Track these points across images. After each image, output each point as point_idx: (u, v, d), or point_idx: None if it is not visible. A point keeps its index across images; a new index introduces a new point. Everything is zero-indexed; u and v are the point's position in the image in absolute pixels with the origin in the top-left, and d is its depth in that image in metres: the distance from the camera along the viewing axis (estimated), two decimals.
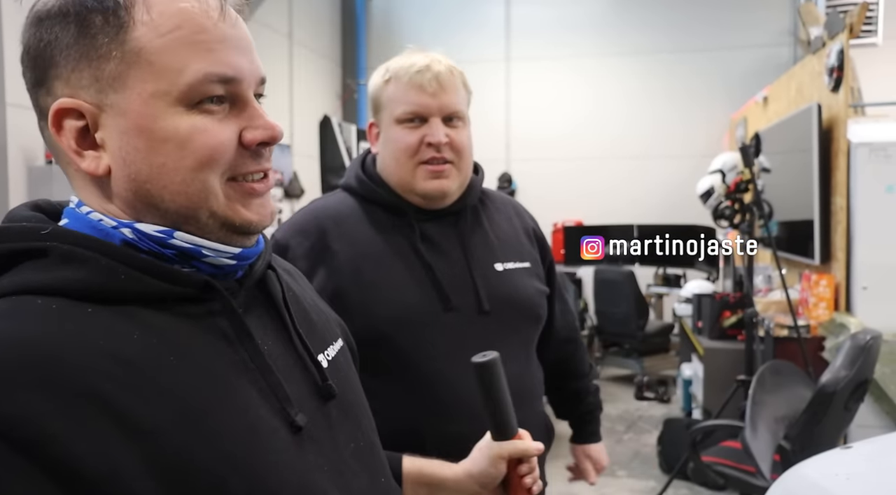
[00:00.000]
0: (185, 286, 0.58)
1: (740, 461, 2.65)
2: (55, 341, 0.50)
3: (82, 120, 0.57)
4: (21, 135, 3.49)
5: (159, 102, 0.57)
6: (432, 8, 7.47)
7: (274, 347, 0.64)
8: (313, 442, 0.62)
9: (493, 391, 0.89)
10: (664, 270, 6.28)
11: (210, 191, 0.59)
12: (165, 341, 0.55)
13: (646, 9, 6.89)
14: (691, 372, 4.33)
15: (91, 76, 0.56)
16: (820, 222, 3.44)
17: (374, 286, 1.17)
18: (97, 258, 0.55)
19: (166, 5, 0.57)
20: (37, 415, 0.47)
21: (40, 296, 0.53)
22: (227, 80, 0.58)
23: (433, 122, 1.19)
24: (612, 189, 6.90)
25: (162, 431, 0.51)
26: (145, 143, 0.57)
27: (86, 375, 0.49)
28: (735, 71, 6.59)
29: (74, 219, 0.60)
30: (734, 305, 3.77)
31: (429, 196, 1.22)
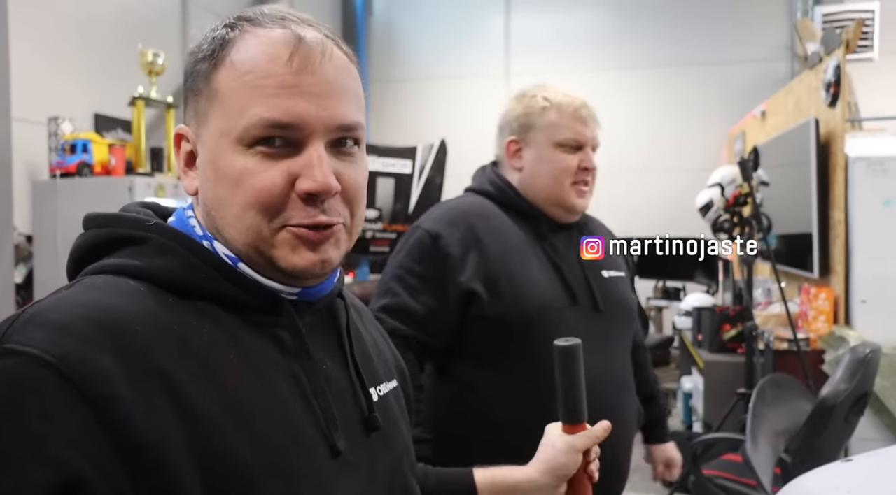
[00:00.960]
0: (256, 296, 0.63)
1: (741, 474, 2.66)
2: (136, 316, 0.55)
3: (188, 145, 0.67)
4: (26, 149, 3.51)
5: (224, 140, 0.62)
6: (432, 23, 7.53)
7: (330, 370, 0.67)
8: (350, 468, 0.64)
9: (571, 374, 0.91)
10: (664, 283, 6.30)
11: (259, 232, 0.62)
12: (230, 339, 0.60)
13: (644, 23, 6.95)
14: (691, 385, 4.33)
15: (193, 109, 0.66)
16: (818, 236, 3.46)
17: (521, 276, 1.35)
18: (186, 254, 0.61)
19: (246, 51, 0.62)
20: (112, 378, 0.51)
21: (133, 278, 0.59)
22: (282, 125, 0.61)
23: (587, 151, 1.43)
24: (611, 202, 6.88)
25: (211, 418, 0.54)
26: (212, 175, 0.64)
27: (156, 352, 0.54)
28: (733, 85, 6.64)
29: (178, 217, 0.68)
30: (734, 318, 3.78)
31: (575, 210, 1.44)
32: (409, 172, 5.16)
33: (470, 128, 7.38)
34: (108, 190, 3.23)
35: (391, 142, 6.00)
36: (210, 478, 0.53)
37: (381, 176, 5.43)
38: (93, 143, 3.31)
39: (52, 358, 0.50)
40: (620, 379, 1.40)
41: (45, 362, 0.50)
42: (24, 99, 3.50)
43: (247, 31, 0.63)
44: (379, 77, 7.55)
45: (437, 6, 7.54)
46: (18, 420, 0.48)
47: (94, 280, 0.59)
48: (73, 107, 3.64)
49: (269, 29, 0.63)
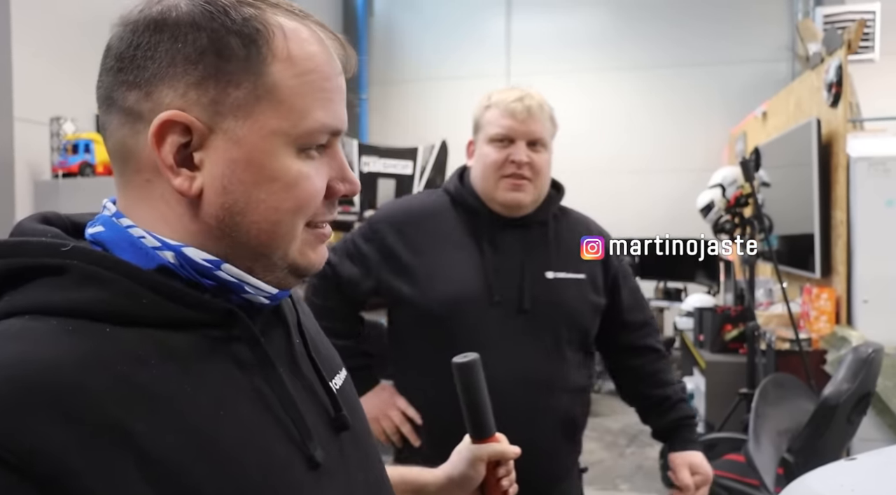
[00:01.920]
0: (209, 313, 0.56)
1: (744, 474, 2.66)
2: (74, 367, 0.47)
3: (187, 136, 0.55)
4: (28, 149, 3.51)
5: (277, 140, 0.56)
6: (433, 24, 7.53)
7: (288, 376, 0.61)
8: (329, 476, 0.60)
9: (471, 390, 0.92)
10: (665, 284, 6.30)
11: (294, 234, 0.58)
12: (183, 368, 0.53)
13: (645, 24, 6.95)
14: (693, 386, 4.33)
15: (212, 97, 0.54)
16: (820, 236, 3.47)
17: (440, 268, 1.40)
18: (119, 280, 0.52)
19: (301, 46, 0.57)
20: (61, 450, 0.44)
21: (56, 316, 0.50)
22: (335, 132, 0.59)
23: (518, 145, 1.42)
24: (612, 203, 6.92)
25: (178, 466, 0.48)
26: (252, 177, 0.56)
27: (106, 405, 0.47)
28: (734, 86, 6.64)
29: (111, 229, 0.57)
30: (735, 319, 3.78)
31: (506, 205, 1.43)
32: (409, 173, 5.16)
33: (471, 129, 7.39)
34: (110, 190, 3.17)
35: (392, 143, 6.00)
36: None
37: (382, 177, 5.43)
38: (95, 143, 3.31)
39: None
40: (543, 380, 1.37)
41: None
42: (26, 99, 3.50)
43: (287, 17, 0.57)
44: (380, 78, 7.55)
45: (438, 7, 7.55)
46: None
47: (7, 328, 0.49)
48: (76, 107, 3.64)
49: (306, 23, 0.59)
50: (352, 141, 7.05)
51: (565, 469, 1.47)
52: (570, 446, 1.47)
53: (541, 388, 1.36)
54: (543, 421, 1.38)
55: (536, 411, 1.36)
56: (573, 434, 1.47)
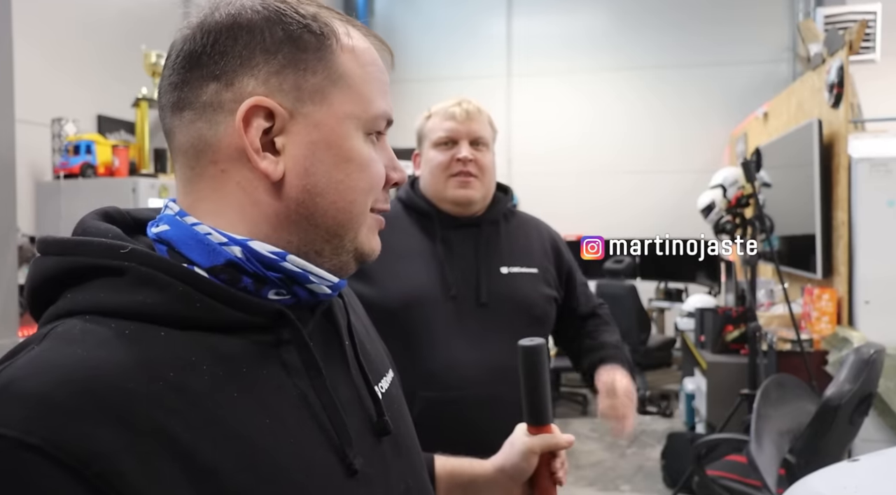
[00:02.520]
0: (259, 315, 0.57)
1: (745, 475, 2.66)
2: (126, 371, 0.49)
3: (270, 121, 0.57)
4: (29, 151, 3.51)
5: (351, 123, 0.60)
6: (434, 26, 7.54)
7: (336, 380, 0.62)
8: (368, 483, 0.61)
9: (532, 375, 0.91)
10: (665, 285, 6.30)
11: (366, 215, 0.62)
12: (232, 373, 0.54)
13: (646, 25, 6.95)
14: (694, 387, 4.33)
15: (294, 83, 0.58)
16: (822, 237, 3.47)
17: (396, 273, 1.44)
18: (174, 284, 0.54)
19: (361, 41, 0.62)
20: (110, 452, 0.45)
21: (114, 318, 0.52)
22: (390, 121, 0.64)
23: (462, 144, 1.49)
24: (613, 204, 6.93)
25: (224, 472, 0.50)
26: (332, 158, 0.59)
27: (154, 410, 0.48)
28: (735, 87, 6.65)
29: (176, 227, 0.58)
30: (737, 319, 3.78)
31: (457, 202, 1.50)
32: (409, 173, 5.15)
33: None
34: (111, 191, 3.24)
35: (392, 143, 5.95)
36: None
37: None
38: (96, 144, 3.31)
39: (38, 439, 0.44)
40: (505, 369, 1.36)
41: (29, 446, 0.43)
42: (27, 100, 3.50)
43: (341, 20, 0.63)
44: None
45: (439, 8, 7.56)
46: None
47: (69, 329, 0.51)
48: (77, 108, 3.65)
49: (354, 24, 0.64)
50: None
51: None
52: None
53: (503, 378, 1.37)
54: (501, 409, 1.37)
55: (499, 400, 1.37)
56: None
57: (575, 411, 5.30)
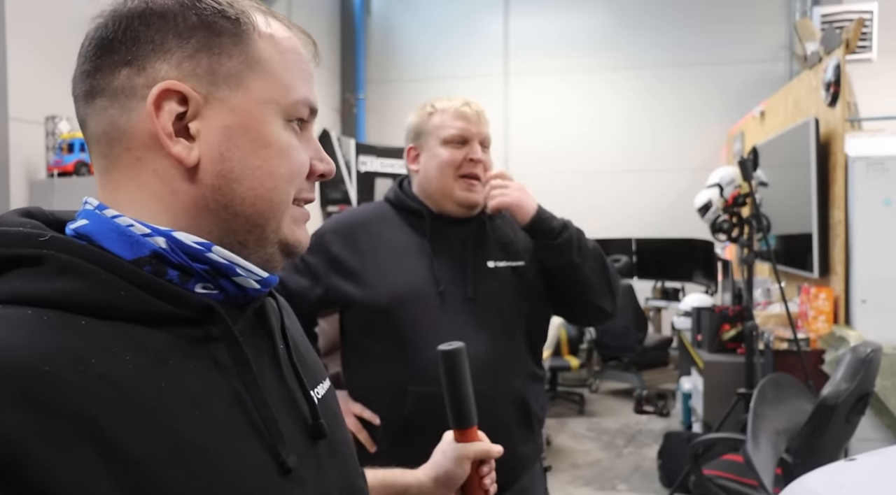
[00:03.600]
0: (187, 308, 0.55)
1: (742, 474, 2.65)
2: (43, 355, 0.46)
3: (183, 106, 0.56)
4: (23, 149, 3.49)
5: (269, 109, 0.59)
6: (431, 23, 7.53)
7: (271, 379, 0.61)
8: (301, 483, 0.59)
9: (453, 378, 0.93)
10: (662, 284, 6.30)
11: (287, 205, 0.61)
12: (158, 365, 0.52)
13: (643, 24, 6.95)
14: (691, 386, 4.33)
15: (208, 67, 0.57)
16: (818, 235, 3.46)
17: (385, 271, 1.45)
18: (97, 271, 0.52)
19: (280, 30, 0.62)
20: (18, 435, 0.43)
21: (31, 306, 0.49)
22: (313, 110, 0.63)
23: (474, 144, 1.48)
24: (610, 203, 6.93)
25: (147, 463, 0.47)
26: (249, 144, 0.58)
27: (73, 394, 0.46)
28: (732, 86, 6.65)
29: (96, 221, 0.56)
30: (733, 318, 3.77)
31: (463, 204, 1.49)
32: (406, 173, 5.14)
33: None
34: None
35: (389, 142, 5.99)
36: None
37: (380, 176, 5.42)
38: None
39: None
40: (494, 364, 1.41)
41: None
42: (21, 98, 3.49)
43: (259, 9, 0.62)
44: (377, 78, 7.54)
45: (436, 7, 7.54)
46: None
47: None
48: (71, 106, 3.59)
49: (275, 16, 0.63)
50: (349, 140, 7.05)
51: (523, 457, 1.48)
52: (525, 433, 1.48)
53: (492, 372, 1.40)
54: (496, 404, 1.41)
55: (489, 394, 1.37)
56: (528, 421, 1.49)
57: (572, 410, 5.30)
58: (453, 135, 1.47)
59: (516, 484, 1.46)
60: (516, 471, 1.46)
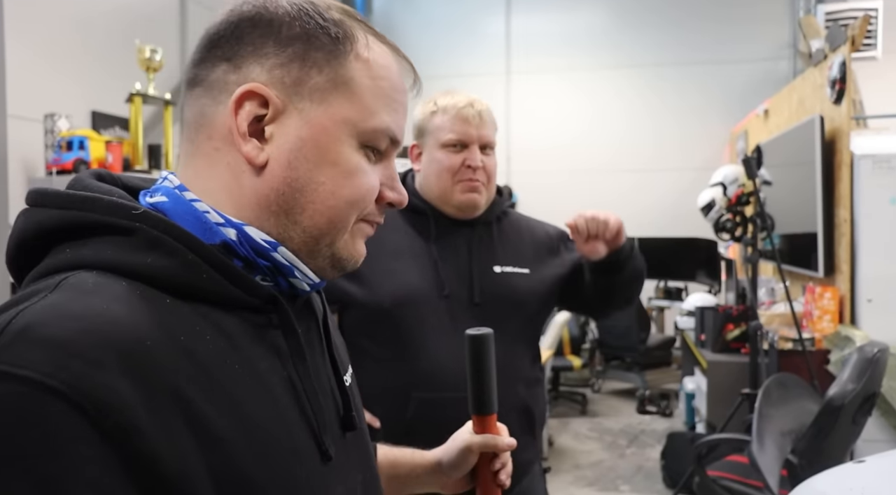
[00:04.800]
0: (257, 297, 0.58)
1: (747, 476, 2.62)
2: (143, 328, 0.49)
3: (263, 109, 0.59)
4: (22, 147, 3.47)
5: (344, 129, 0.60)
6: (433, 23, 7.50)
7: (318, 369, 0.65)
8: (336, 472, 0.63)
9: (477, 363, 0.93)
10: (665, 283, 6.26)
11: (346, 225, 0.62)
12: (233, 347, 0.55)
13: (645, 23, 6.92)
14: (694, 386, 4.30)
15: (295, 78, 0.59)
16: (823, 234, 3.43)
17: (388, 272, 1.42)
18: (184, 251, 0.54)
19: (381, 55, 0.63)
20: (129, 406, 0.45)
21: (123, 277, 0.52)
22: (395, 141, 0.64)
23: (473, 149, 1.44)
24: (612, 202, 6.89)
25: (227, 440, 0.50)
26: (316, 157, 0.59)
27: (168, 369, 0.49)
28: (735, 84, 6.62)
29: (175, 201, 0.58)
30: (737, 318, 3.75)
31: (462, 207, 1.46)
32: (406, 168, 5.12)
33: None
34: None
35: None
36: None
37: None
38: (89, 140, 3.27)
39: (59, 383, 0.43)
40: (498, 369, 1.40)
41: (51, 388, 0.43)
42: (20, 96, 3.46)
43: (366, 30, 0.64)
44: None
45: (437, 6, 7.52)
46: (24, 461, 0.42)
47: (83, 280, 0.51)
48: (70, 104, 3.61)
49: (385, 44, 0.65)
50: None
51: (525, 463, 1.46)
52: (527, 438, 1.47)
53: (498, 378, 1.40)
54: (501, 410, 1.41)
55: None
56: (531, 426, 1.48)
57: (574, 410, 5.27)
58: (451, 140, 1.44)
59: (515, 488, 1.44)
60: (517, 476, 1.45)
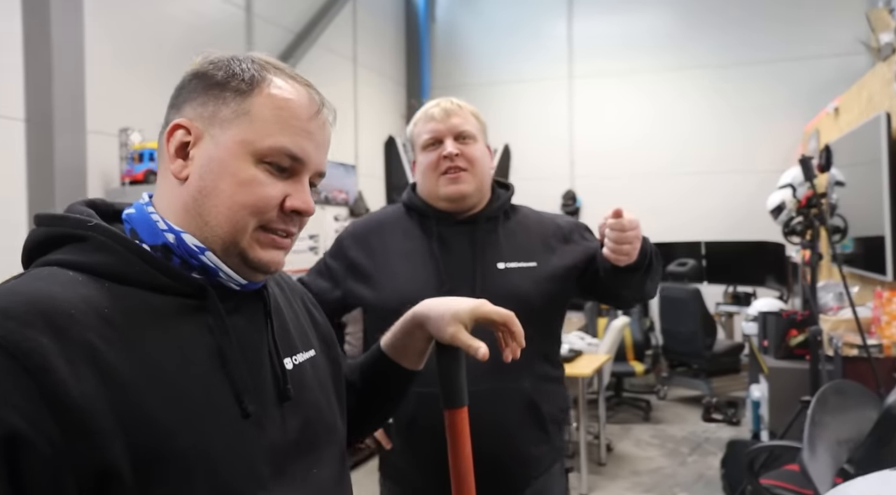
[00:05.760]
0: (186, 284, 0.74)
1: (802, 485, 2.54)
2: (71, 301, 0.66)
3: (188, 137, 0.77)
4: (100, 159, 3.71)
5: (243, 148, 0.76)
6: (495, 28, 7.55)
7: (251, 345, 0.79)
8: (260, 427, 0.76)
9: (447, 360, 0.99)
10: (734, 288, 6.09)
11: (244, 227, 0.76)
12: (157, 318, 0.71)
13: (710, 23, 6.77)
14: (759, 394, 4.17)
15: (211, 111, 0.77)
16: (892, 237, 3.29)
17: (394, 273, 1.48)
18: (122, 252, 0.72)
19: (282, 92, 0.78)
20: (46, 351, 0.62)
21: (72, 270, 0.70)
22: (295, 158, 0.78)
23: (446, 142, 1.49)
24: (677, 205, 6.76)
25: (132, 385, 0.65)
26: (220, 169, 0.76)
27: (86, 331, 0.65)
28: (804, 82, 6.39)
29: (139, 212, 0.78)
30: (801, 323, 3.62)
31: (450, 198, 1.49)
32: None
33: (533, 133, 7.35)
34: None
35: None
36: (130, 434, 0.64)
37: None
38: None
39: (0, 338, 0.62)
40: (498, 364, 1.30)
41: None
42: (98, 112, 3.70)
43: (278, 74, 0.80)
44: (441, 83, 7.61)
45: (499, 11, 7.56)
46: None
47: (40, 271, 0.71)
48: (144, 118, 3.82)
49: (297, 83, 0.80)
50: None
51: (536, 460, 1.46)
52: (536, 434, 1.47)
53: (499, 372, 1.34)
54: (505, 404, 1.42)
55: (497, 394, 1.40)
56: (539, 422, 1.47)
57: (637, 417, 5.19)
58: (426, 140, 1.51)
59: (531, 487, 1.45)
60: (529, 471, 1.46)
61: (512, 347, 1.02)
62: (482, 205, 1.53)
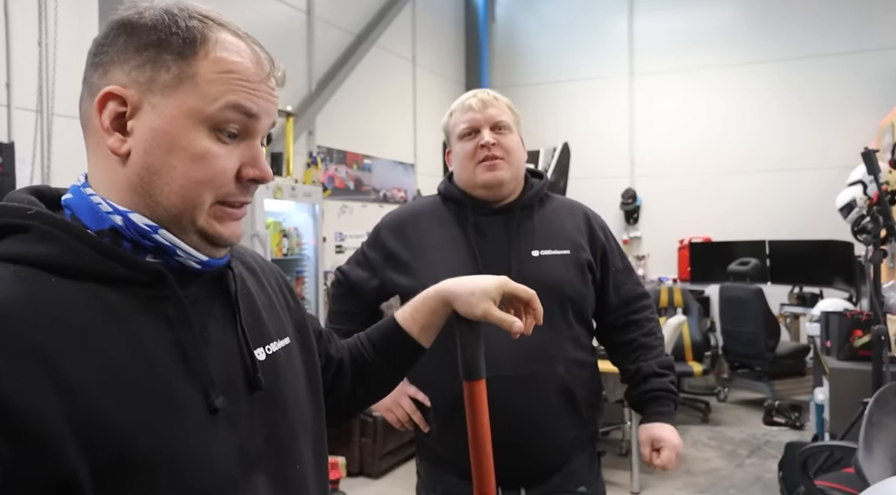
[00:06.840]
0: (142, 272, 0.67)
1: (858, 487, 2.46)
2: (11, 300, 0.60)
3: (123, 107, 0.68)
4: None
5: (191, 116, 0.68)
6: (554, 27, 7.52)
7: (217, 335, 0.73)
8: (228, 422, 0.70)
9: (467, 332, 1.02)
10: (800, 289, 5.90)
11: (200, 204, 0.69)
12: (109, 314, 0.64)
13: (779, 15, 6.57)
14: (823, 397, 4.04)
15: (150, 77, 0.68)
16: None
17: (431, 261, 1.52)
18: (69, 240, 0.65)
19: (229, 53, 0.70)
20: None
21: (14, 264, 0.63)
22: (249, 113, 0.70)
23: (483, 131, 1.54)
24: (742, 204, 6.60)
25: (85, 388, 0.60)
26: (168, 144, 0.68)
27: (31, 332, 0.59)
28: (879, 75, 6.14)
29: (77, 195, 0.70)
30: (866, 323, 3.49)
31: (487, 185, 1.54)
32: None
33: (592, 131, 7.29)
34: None
35: None
36: (86, 440, 0.59)
37: None
38: None
39: None
40: (535, 350, 1.43)
41: None
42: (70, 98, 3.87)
43: (223, 31, 0.71)
44: (501, 82, 7.63)
45: (558, 8, 7.53)
46: None
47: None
48: None
49: (243, 41, 0.72)
50: None
51: (567, 442, 1.49)
52: (571, 418, 1.49)
53: (533, 358, 1.42)
54: (538, 387, 1.44)
55: (530, 379, 1.43)
56: (573, 407, 1.49)
57: (695, 418, 5.09)
58: (463, 130, 1.55)
59: (565, 467, 1.48)
60: (563, 453, 1.49)
61: (529, 323, 1.05)
62: (517, 193, 1.57)
